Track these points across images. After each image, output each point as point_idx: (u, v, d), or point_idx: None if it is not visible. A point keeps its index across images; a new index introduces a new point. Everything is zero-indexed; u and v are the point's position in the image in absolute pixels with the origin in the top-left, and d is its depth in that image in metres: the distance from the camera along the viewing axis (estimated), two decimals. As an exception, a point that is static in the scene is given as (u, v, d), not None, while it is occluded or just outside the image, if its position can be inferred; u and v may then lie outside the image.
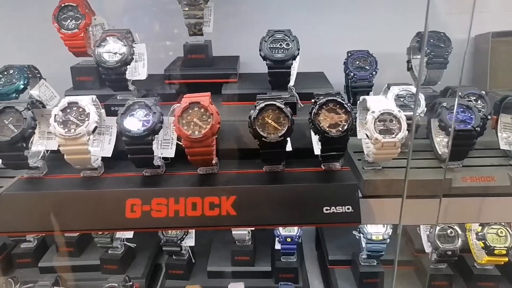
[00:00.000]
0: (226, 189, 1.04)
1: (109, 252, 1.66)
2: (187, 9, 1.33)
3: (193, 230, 1.60)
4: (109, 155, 1.13)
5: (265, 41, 1.17)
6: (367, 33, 1.65)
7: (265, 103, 1.02)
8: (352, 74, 1.35)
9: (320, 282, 1.74)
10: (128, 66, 1.18)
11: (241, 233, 1.55)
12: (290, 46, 1.16)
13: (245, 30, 1.71)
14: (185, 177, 1.10)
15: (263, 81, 1.43)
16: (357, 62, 1.38)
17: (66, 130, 1.00)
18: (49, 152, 1.14)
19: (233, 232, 1.57)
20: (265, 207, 1.02)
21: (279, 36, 1.18)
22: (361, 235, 1.42)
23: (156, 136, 1.03)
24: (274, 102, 1.02)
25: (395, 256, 1.04)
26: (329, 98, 1.02)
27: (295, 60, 1.17)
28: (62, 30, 1.28)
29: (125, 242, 1.69)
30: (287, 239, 1.50)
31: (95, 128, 1.02)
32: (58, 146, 1.12)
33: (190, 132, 0.99)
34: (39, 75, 1.37)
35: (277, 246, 1.61)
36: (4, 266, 1.70)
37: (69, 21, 1.28)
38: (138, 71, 1.28)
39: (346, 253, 1.62)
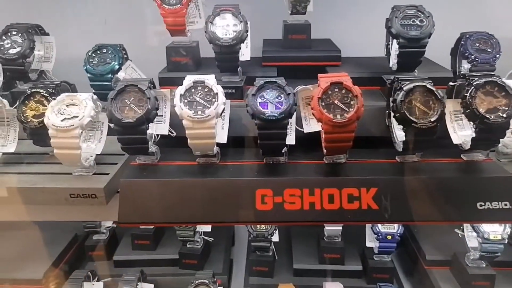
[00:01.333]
0: (364, 180, 0.93)
1: (188, 246, 1.57)
2: (297, -16, 1.23)
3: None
4: (225, 141, 1.02)
5: (395, 17, 1.06)
6: (456, 17, 1.51)
7: (413, 84, 0.91)
8: (473, 57, 1.23)
9: (407, 283, 1.63)
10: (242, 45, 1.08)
11: (335, 228, 1.45)
12: (425, 22, 1.05)
13: (334, 12, 1.59)
14: (312, 166, 1.00)
15: (367, 65, 1.34)
16: (477, 44, 1.25)
17: (193, 111, 0.90)
18: (159, 136, 1.04)
19: (326, 228, 1.46)
20: (410, 201, 0.91)
21: (410, 12, 1.06)
22: (476, 234, 1.29)
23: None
24: (423, 83, 0.91)
25: None
26: (487, 79, 0.91)
27: (429, 38, 1.05)
28: (164, 5, 1.17)
29: (203, 236, 1.60)
30: (388, 237, 1.39)
31: (223, 110, 0.92)
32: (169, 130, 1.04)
33: (332, 116, 0.89)
34: (126, 56, 1.27)
35: (368, 243, 1.51)
36: (76, 258, 1.62)
37: (171, -4, 1.18)
38: (242, 52, 1.18)
39: (444, 253, 1.50)
